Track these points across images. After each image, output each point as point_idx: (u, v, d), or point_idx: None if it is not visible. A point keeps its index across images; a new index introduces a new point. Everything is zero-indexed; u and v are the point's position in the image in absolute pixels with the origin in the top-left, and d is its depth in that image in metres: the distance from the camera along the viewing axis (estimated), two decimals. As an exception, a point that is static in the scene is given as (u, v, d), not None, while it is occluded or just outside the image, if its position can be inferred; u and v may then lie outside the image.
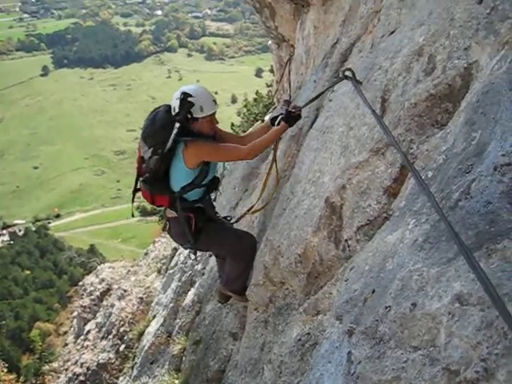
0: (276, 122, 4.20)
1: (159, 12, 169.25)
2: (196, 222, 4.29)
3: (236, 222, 4.91)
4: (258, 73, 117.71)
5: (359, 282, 1.98)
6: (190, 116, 3.94)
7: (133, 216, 4.98)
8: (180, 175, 4.11)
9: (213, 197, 4.52)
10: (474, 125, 1.77)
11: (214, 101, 4.11)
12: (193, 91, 3.99)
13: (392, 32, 3.05)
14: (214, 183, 4.40)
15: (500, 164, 1.49)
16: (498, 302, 1.12)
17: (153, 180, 4.14)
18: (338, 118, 3.17)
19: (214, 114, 4.09)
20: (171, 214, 4.37)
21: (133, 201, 4.63)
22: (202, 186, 4.25)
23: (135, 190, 4.39)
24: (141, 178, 4.26)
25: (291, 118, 3.98)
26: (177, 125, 3.91)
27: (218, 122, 4.23)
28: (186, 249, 4.82)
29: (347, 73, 3.01)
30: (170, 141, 3.89)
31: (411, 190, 2.09)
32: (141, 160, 4.21)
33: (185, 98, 3.90)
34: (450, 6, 2.30)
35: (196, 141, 3.97)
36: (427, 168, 2.02)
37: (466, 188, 1.58)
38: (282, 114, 4.12)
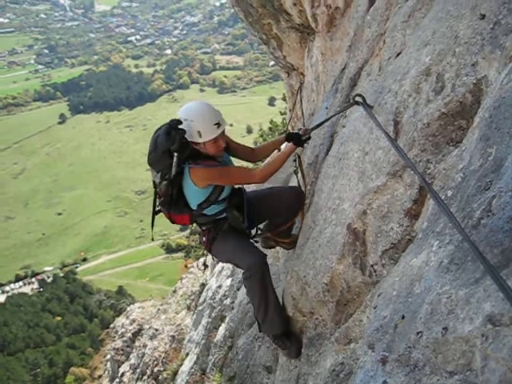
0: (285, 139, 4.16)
1: (169, 51, 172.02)
2: (211, 233, 4.18)
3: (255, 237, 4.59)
4: (271, 101, 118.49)
5: (388, 309, 1.95)
6: (186, 142, 3.72)
7: (153, 240, 5.25)
8: (193, 194, 3.94)
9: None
10: (488, 140, 1.76)
11: (218, 123, 3.78)
12: (189, 114, 3.77)
13: (398, 54, 3.06)
14: (236, 196, 4.19)
15: (519, 178, 1.47)
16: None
17: (168, 202, 3.97)
18: (352, 144, 3.17)
19: (217, 137, 3.81)
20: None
21: (152, 224, 4.34)
22: (221, 202, 4.06)
23: (154, 213, 4.23)
24: (158, 201, 4.10)
25: (298, 138, 3.97)
26: (174, 154, 3.66)
27: (224, 143, 3.95)
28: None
29: (357, 98, 3.02)
30: (174, 168, 3.70)
31: (432, 211, 2.08)
32: (153, 184, 4.00)
33: (172, 127, 3.66)
34: (453, 24, 2.31)
35: (200, 168, 3.79)
36: (446, 187, 2.01)
37: (486, 205, 1.56)
38: (298, 132, 4.05)
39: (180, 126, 3.66)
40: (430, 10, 2.86)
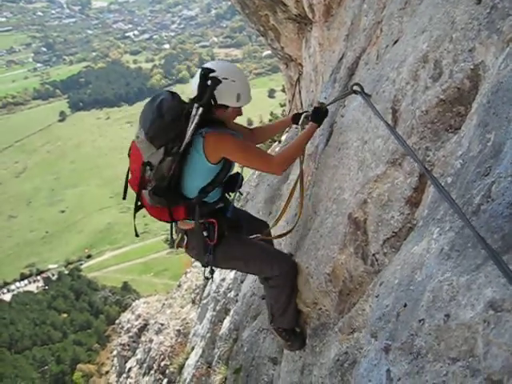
0: (300, 122, 3.73)
1: (167, 46, 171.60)
2: (219, 227, 3.50)
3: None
4: (271, 94, 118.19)
5: (390, 297, 1.95)
6: (214, 101, 3.18)
7: (137, 236, 3.84)
8: (199, 174, 3.30)
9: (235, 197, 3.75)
10: (487, 126, 1.75)
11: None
12: (230, 73, 3.23)
13: (395, 41, 3.05)
14: (234, 178, 3.59)
15: (518, 163, 1.47)
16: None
17: (165, 188, 3.27)
18: (351, 134, 3.16)
19: None
20: (187, 224, 3.55)
21: (134, 218, 3.77)
22: (222, 184, 3.49)
23: (137, 208, 3.60)
24: (145, 191, 3.37)
25: (319, 114, 3.49)
26: (198, 111, 3.08)
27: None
28: (205, 266, 3.69)
29: (355, 87, 3.01)
30: (189, 134, 3.10)
31: (432, 198, 2.07)
32: (143, 166, 3.26)
33: (207, 73, 3.12)
34: (449, 10, 2.29)
35: (221, 133, 3.22)
36: (446, 174, 2.00)
37: (486, 191, 1.55)
38: (306, 111, 3.72)
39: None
40: (426, -3, 2.84)
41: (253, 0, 8.05)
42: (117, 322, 20.76)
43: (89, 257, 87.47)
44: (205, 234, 3.50)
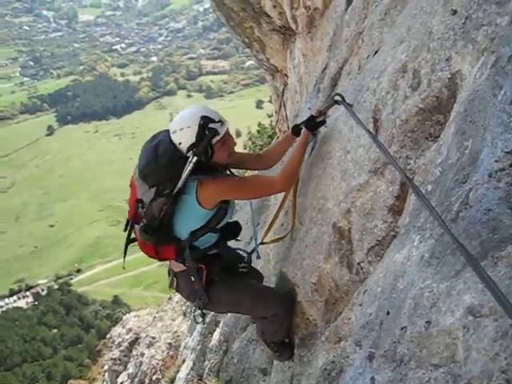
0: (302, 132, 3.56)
1: (154, 58, 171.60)
2: (208, 273, 3.38)
3: (251, 253, 3.88)
4: (259, 104, 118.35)
5: (373, 305, 1.96)
6: (211, 150, 3.11)
7: (124, 268, 3.38)
8: (191, 218, 3.22)
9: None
10: (464, 134, 1.77)
11: (220, 120, 3.22)
12: (209, 112, 3.16)
13: (376, 51, 3.09)
14: (232, 227, 3.53)
15: (494, 170, 1.49)
16: (511, 310, 1.11)
17: (156, 227, 3.19)
18: (334, 143, 3.18)
19: (225, 135, 3.22)
20: (178, 267, 3.47)
21: (125, 254, 3.75)
22: (217, 230, 3.38)
23: (128, 242, 3.51)
24: (137, 226, 3.30)
25: (312, 123, 3.41)
26: (193, 159, 3.02)
27: (235, 142, 3.36)
28: (198, 308, 3.57)
29: (337, 97, 3.03)
30: (182, 179, 3.04)
31: (413, 206, 2.09)
32: (136, 203, 3.21)
33: (205, 124, 3.05)
34: (426, 20, 2.33)
35: (215, 179, 3.12)
36: (426, 182, 2.02)
37: (464, 198, 1.57)
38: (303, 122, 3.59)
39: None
40: (405, 8, 2.89)
41: (237, 12, 8.10)
42: (108, 336, 20.62)
43: (79, 271, 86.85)
44: (192, 279, 3.39)
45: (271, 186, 3.30)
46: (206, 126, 3.04)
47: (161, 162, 3.05)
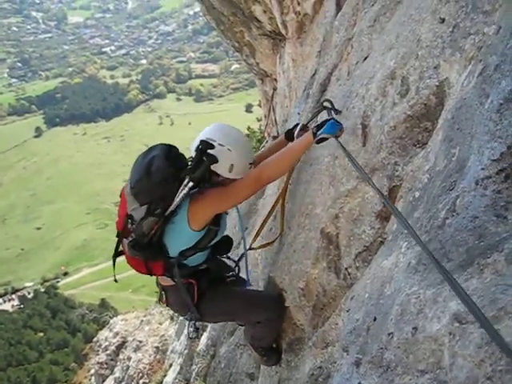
0: (296, 134, 3.38)
1: (144, 61, 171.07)
2: (198, 288, 3.32)
3: (239, 259, 3.75)
4: (248, 108, 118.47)
5: (360, 311, 1.97)
6: (209, 175, 2.98)
7: (115, 281, 3.69)
8: (179, 238, 3.12)
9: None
10: (452, 141, 1.79)
11: (252, 163, 3.12)
12: (228, 140, 3.03)
13: (365, 58, 3.10)
14: (224, 243, 3.45)
15: (481, 178, 1.50)
16: (486, 323, 1.12)
17: (145, 245, 3.06)
18: (322, 149, 3.19)
19: None
20: (167, 281, 3.39)
21: (114, 266, 3.52)
22: (207, 249, 3.30)
23: (116, 255, 3.35)
24: (126, 240, 3.15)
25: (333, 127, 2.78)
26: (189, 184, 2.89)
27: None
28: (189, 320, 3.56)
29: (325, 103, 3.05)
30: (176, 202, 2.93)
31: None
32: (126, 217, 3.05)
33: (204, 149, 2.90)
34: (415, 28, 2.35)
35: (202, 193, 3.01)
36: (414, 189, 2.03)
37: (451, 205, 1.58)
38: (297, 124, 3.46)
39: (211, 152, 2.92)
40: (394, 15, 2.90)
41: (227, 17, 8.12)
42: (94, 340, 20.53)
43: (65, 274, 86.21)
44: (182, 295, 3.31)
45: (255, 180, 3.01)
46: (204, 152, 2.89)
47: (153, 180, 2.88)
